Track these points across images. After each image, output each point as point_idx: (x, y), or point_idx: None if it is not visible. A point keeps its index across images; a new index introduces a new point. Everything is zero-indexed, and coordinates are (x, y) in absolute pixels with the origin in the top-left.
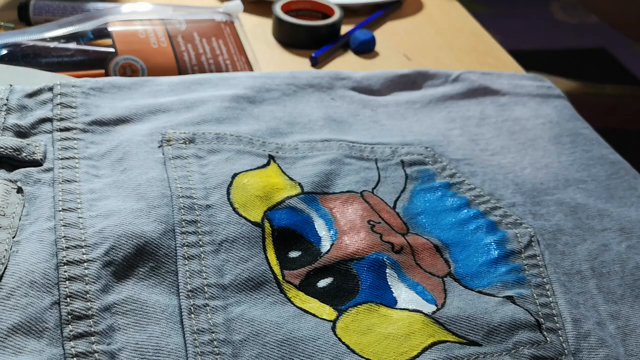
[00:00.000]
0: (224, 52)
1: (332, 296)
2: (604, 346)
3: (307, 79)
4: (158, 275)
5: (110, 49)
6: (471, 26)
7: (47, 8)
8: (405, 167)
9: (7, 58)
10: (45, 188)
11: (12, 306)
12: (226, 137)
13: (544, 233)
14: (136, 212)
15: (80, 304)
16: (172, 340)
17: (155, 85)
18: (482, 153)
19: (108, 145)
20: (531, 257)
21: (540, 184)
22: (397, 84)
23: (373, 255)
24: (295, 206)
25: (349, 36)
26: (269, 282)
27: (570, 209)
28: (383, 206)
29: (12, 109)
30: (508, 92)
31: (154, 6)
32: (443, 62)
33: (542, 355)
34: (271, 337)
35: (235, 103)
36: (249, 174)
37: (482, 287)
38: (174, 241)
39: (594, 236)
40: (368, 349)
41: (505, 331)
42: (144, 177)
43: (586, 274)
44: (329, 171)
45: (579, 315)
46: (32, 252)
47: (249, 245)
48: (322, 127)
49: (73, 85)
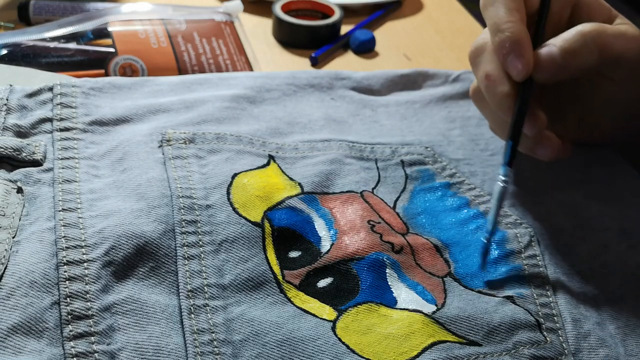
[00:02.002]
0: (224, 52)
1: (332, 296)
2: (604, 346)
3: (307, 79)
4: (158, 275)
5: (110, 49)
6: (471, 26)
7: (47, 8)
8: (405, 167)
9: (7, 58)
10: (45, 188)
11: (12, 306)
12: (226, 137)
13: (544, 233)
14: (136, 212)
15: (80, 304)
16: (172, 340)
17: (155, 85)
18: (482, 153)
19: (108, 145)
20: (531, 257)
21: (540, 184)
22: (397, 84)
23: (373, 255)
24: (295, 206)
25: (349, 36)
26: (269, 282)
27: (570, 209)
28: (383, 206)
29: (12, 109)
30: None
31: (154, 6)
32: (443, 62)
33: (542, 355)
34: (271, 337)
35: (235, 103)
36: (249, 174)
37: (482, 287)
38: (174, 241)
39: (594, 236)
40: (368, 349)
41: (505, 331)
42: (144, 177)
43: (586, 274)
44: (329, 171)
45: (579, 315)
46: (32, 252)
47: (249, 245)
48: (322, 127)
49: (73, 85)
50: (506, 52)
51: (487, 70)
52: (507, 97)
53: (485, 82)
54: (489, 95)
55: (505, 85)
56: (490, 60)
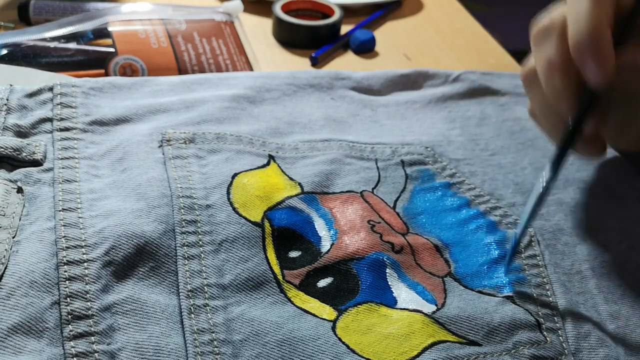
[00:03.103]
0: (224, 52)
1: (332, 296)
2: (604, 346)
3: (307, 79)
4: (158, 275)
5: (110, 49)
6: (471, 26)
7: (47, 8)
8: (406, 167)
9: (7, 58)
10: (45, 188)
11: (12, 306)
12: (226, 137)
13: (544, 233)
14: (136, 212)
15: (80, 303)
16: (172, 340)
17: (155, 85)
18: (482, 153)
19: (108, 145)
20: (531, 257)
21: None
22: (397, 84)
23: (373, 255)
24: (295, 206)
25: (349, 36)
26: (269, 282)
27: (570, 209)
28: (383, 206)
29: (12, 109)
30: (508, 92)
31: (154, 6)
32: (443, 62)
33: (542, 355)
34: (271, 337)
35: (235, 103)
36: (249, 174)
37: (482, 287)
38: (174, 241)
39: (594, 236)
40: (368, 349)
41: (505, 331)
42: (144, 177)
43: (586, 274)
44: (329, 171)
45: (578, 315)
46: (32, 252)
47: (249, 245)
48: (322, 127)
49: (73, 85)
50: (585, 55)
51: (550, 55)
52: (566, 89)
53: (545, 68)
54: (546, 83)
55: (567, 77)
56: (556, 45)
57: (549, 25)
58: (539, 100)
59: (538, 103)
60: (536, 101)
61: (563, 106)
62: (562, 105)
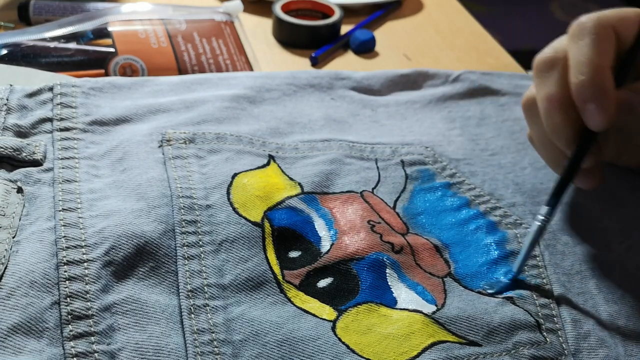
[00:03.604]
0: (224, 52)
1: (332, 296)
2: (604, 346)
3: (307, 79)
4: (158, 275)
5: (110, 49)
6: (471, 26)
7: (47, 8)
8: (406, 167)
9: (7, 58)
10: (45, 188)
11: (12, 306)
12: (226, 137)
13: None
14: (136, 212)
15: (80, 304)
16: (172, 340)
17: (155, 85)
18: (482, 153)
19: (108, 145)
20: (531, 257)
21: (540, 184)
22: (397, 84)
23: (373, 255)
24: (295, 206)
25: (349, 36)
26: (269, 282)
27: (571, 209)
28: (383, 206)
29: (12, 109)
30: (508, 92)
31: (154, 6)
32: (443, 62)
33: (542, 355)
34: (271, 337)
35: (235, 103)
36: (249, 174)
37: (482, 288)
38: (174, 241)
39: (594, 236)
40: (368, 349)
41: (505, 331)
42: (144, 177)
43: (586, 274)
44: (329, 171)
45: (578, 316)
46: (32, 252)
47: (249, 245)
48: (322, 127)
49: (73, 85)
50: (586, 99)
51: (551, 91)
52: (565, 126)
53: (545, 102)
54: (546, 117)
55: (567, 113)
56: (558, 82)
57: (552, 60)
58: (538, 130)
59: (537, 133)
60: (535, 130)
61: (561, 142)
62: (560, 140)
